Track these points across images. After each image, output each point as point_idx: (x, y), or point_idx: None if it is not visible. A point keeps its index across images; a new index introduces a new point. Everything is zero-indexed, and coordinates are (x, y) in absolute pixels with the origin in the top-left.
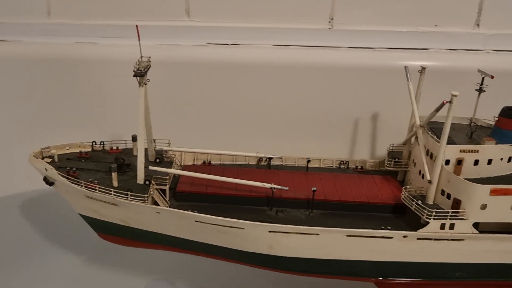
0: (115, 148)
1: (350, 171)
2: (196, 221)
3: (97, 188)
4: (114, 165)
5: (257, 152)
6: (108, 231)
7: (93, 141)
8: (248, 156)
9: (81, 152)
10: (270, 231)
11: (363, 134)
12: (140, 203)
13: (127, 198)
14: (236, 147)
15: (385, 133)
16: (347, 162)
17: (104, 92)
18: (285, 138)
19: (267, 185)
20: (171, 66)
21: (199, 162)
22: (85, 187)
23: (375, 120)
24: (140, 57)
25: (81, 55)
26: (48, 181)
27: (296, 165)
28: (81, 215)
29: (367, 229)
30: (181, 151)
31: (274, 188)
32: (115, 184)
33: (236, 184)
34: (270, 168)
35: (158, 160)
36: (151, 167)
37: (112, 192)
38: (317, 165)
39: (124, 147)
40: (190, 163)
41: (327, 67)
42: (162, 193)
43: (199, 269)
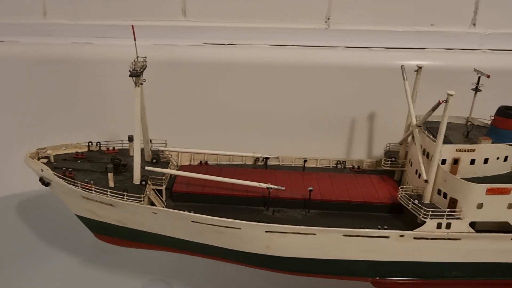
0: (111, 148)
1: (347, 171)
2: (192, 222)
3: (93, 189)
4: (110, 166)
5: (254, 152)
6: (105, 231)
7: (89, 142)
8: (245, 156)
9: (77, 152)
10: (266, 231)
11: (359, 133)
12: (136, 204)
13: (123, 198)
14: (233, 147)
15: (382, 133)
16: (344, 162)
17: (100, 92)
18: (282, 138)
19: (264, 185)
20: (167, 66)
21: (195, 162)
22: (81, 187)
23: (372, 119)
24: (136, 57)
25: (77, 55)
26: (44, 182)
27: (293, 165)
28: (78, 216)
29: (363, 228)
30: (178, 151)
31: (271, 188)
32: (111, 184)
33: (232, 184)
34: (267, 168)
35: (154, 161)
36: (147, 168)
37: (108, 193)
38: (314, 165)
39: (121, 147)
40: (187, 163)
41: (324, 67)
42: (158, 194)
43: (196, 270)
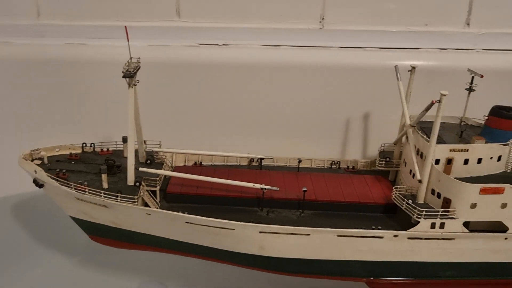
0: (105, 149)
1: (342, 171)
2: (186, 222)
3: (86, 190)
4: (104, 167)
5: (248, 153)
6: (99, 233)
7: (84, 143)
8: (239, 157)
9: (71, 154)
10: (260, 232)
11: (354, 134)
12: (130, 205)
13: (117, 199)
14: (228, 147)
15: (376, 133)
16: (339, 162)
17: (94, 93)
18: (276, 139)
19: (258, 186)
20: (162, 67)
21: (190, 163)
22: (74, 189)
23: (366, 119)
24: (130, 58)
25: (71, 56)
26: (38, 183)
27: (287, 166)
28: (72, 217)
29: (358, 229)
30: (172, 152)
31: (265, 188)
32: (105, 185)
33: (227, 185)
34: (262, 169)
35: (148, 161)
36: (141, 169)
37: (102, 194)
38: (309, 165)
39: (115, 148)
40: (181, 164)
41: (318, 67)
42: (152, 195)
43: (191, 270)
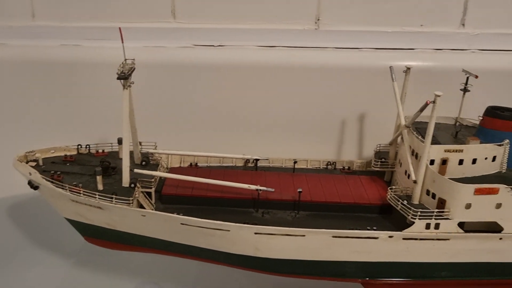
0: (101, 151)
1: (337, 171)
2: (181, 224)
3: (81, 192)
4: (99, 169)
5: (243, 154)
6: (94, 234)
7: (79, 144)
8: (235, 158)
9: (66, 155)
10: (255, 233)
11: (350, 134)
12: (125, 207)
13: (112, 201)
14: (223, 149)
15: (372, 133)
16: (334, 163)
17: (90, 94)
18: (272, 139)
19: (253, 187)
20: (157, 68)
21: (185, 164)
22: (69, 191)
23: (362, 120)
24: (124, 60)
25: (66, 58)
26: (32, 185)
27: (283, 167)
28: (67, 219)
29: (353, 229)
30: (168, 154)
31: (260, 190)
32: (100, 187)
33: (222, 186)
34: (257, 170)
35: (144, 163)
36: (136, 170)
37: (97, 196)
38: (304, 166)
39: (111, 150)
40: (177, 165)
41: (314, 68)
42: (147, 196)
43: (186, 272)
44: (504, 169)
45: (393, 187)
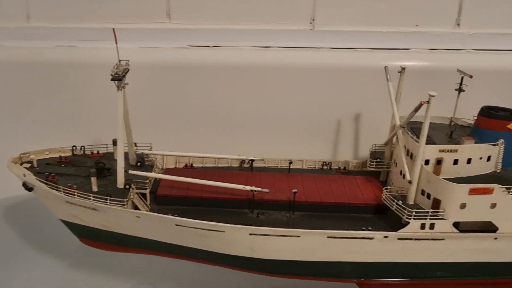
0: (96, 152)
1: (333, 172)
2: (176, 225)
3: (76, 193)
4: (93, 170)
5: (239, 155)
6: (90, 236)
7: (74, 146)
8: (230, 159)
9: (61, 157)
10: (250, 234)
11: (345, 134)
12: (119, 208)
13: (107, 203)
14: (219, 149)
15: (368, 134)
16: (330, 163)
17: (85, 95)
18: (267, 140)
19: (248, 188)
20: (152, 69)
21: (181, 165)
22: (64, 192)
23: (357, 120)
24: (118, 61)
25: (61, 59)
26: (27, 187)
27: (278, 167)
28: (62, 221)
29: (348, 230)
30: (163, 155)
31: (255, 190)
32: (94, 189)
33: (217, 187)
34: (253, 171)
35: (139, 164)
36: (131, 171)
37: (91, 197)
38: (300, 167)
39: (106, 151)
40: (172, 166)
41: (309, 68)
42: (142, 197)
43: (182, 273)
44: (499, 169)
45: (389, 187)
